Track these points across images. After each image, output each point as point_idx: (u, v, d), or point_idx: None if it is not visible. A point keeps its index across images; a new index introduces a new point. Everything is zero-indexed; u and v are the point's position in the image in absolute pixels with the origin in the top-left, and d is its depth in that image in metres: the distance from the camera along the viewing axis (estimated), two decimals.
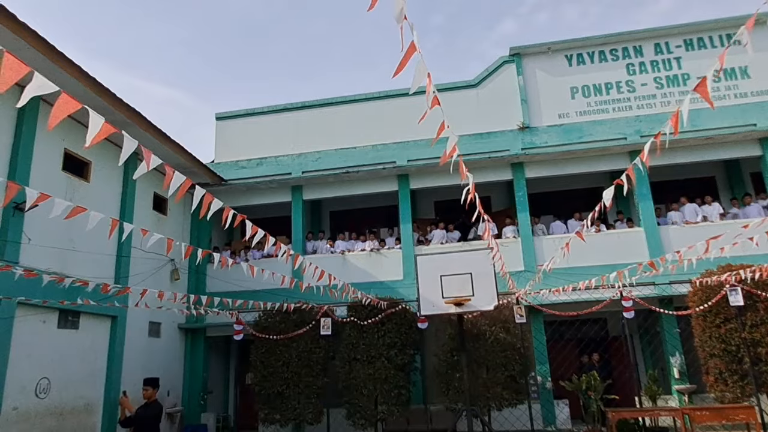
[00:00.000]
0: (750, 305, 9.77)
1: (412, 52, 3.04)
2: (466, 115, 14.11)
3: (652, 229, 12.56)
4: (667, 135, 3.91)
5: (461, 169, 4.67)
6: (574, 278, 10.37)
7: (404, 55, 3.02)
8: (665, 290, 11.38)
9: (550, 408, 11.90)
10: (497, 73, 14.61)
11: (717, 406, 9.64)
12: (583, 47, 14.36)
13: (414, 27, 2.89)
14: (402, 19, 2.75)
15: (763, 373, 9.55)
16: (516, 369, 10.67)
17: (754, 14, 2.90)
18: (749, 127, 12.54)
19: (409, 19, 2.79)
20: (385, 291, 12.45)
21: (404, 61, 3.04)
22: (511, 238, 13.40)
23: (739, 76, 13.24)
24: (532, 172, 13.66)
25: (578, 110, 13.91)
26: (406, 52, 3.02)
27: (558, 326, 12.61)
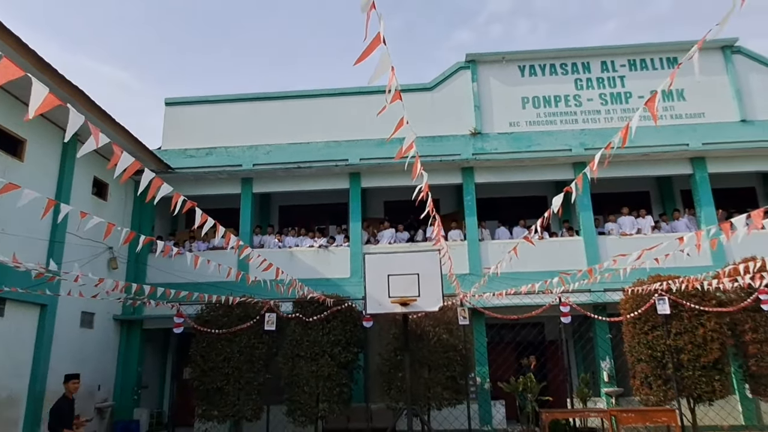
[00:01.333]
0: (675, 314, 10.38)
1: (377, 44, 2.99)
2: (420, 118, 14.23)
3: (591, 239, 13.14)
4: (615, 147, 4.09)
5: (415, 167, 4.71)
6: (516, 283, 10.70)
7: (369, 45, 2.96)
8: (600, 297, 11.93)
9: (487, 408, 12.23)
10: (453, 78, 14.87)
11: (641, 408, 10.19)
12: (536, 59, 14.84)
13: (382, 17, 2.85)
14: (368, 8, 2.71)
15: (684, 378, 10.17)
16: (457, 370, 10.88)
17: (700, 40, 3.09)
18: (682, 147, 13.34)
19: (378, 9, 2.75)
20: (331, 288, 12.41)
21: (368, 51, 2.99)
22: (458, 241, 13.66)
23: (676, 98, 14.05)
24: (481, 177, 13.99)
25: (528, 120, 14.36)
26: (372, 42, 2.97)
27: (498, 329, 12.97)
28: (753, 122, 13.60)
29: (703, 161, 13.51)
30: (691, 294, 10.38)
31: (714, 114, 13.78)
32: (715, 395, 10.22)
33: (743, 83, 14.02)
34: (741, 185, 15.09)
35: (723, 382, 10.29)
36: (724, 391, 10.35)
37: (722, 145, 13.34)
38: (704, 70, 13.98)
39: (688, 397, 10.27)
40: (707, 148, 13.32)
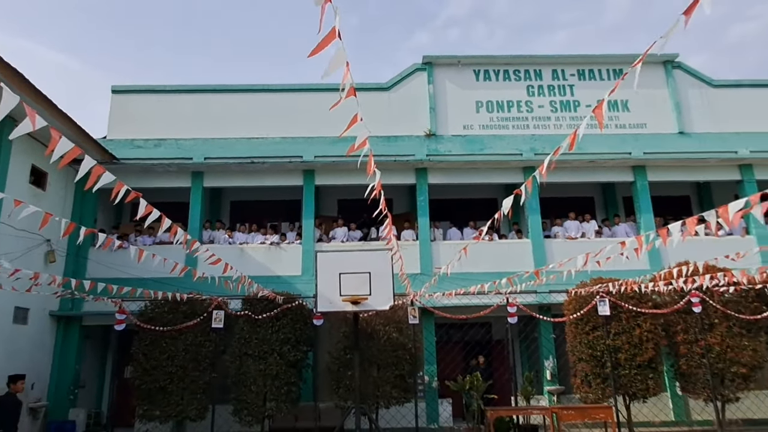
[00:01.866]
0: (615, 315, 10.84)
1: (332, 38, 2.97)
2: (376, 117, 14.30)
3: (539, 241, 13.53)
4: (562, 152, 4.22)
5: (369, 165, 4.72)
6: (466, 283, 10.89)
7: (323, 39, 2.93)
8: (545, 298, 12.31)
9: (434, 406, 12.40)
10: (409, 79, 14.99)
11: (581, 406, 10.59)
12: (490, 64, 15.16)
13: (338, 11, 2.83)
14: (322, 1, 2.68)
15: (621, 376, 10.64)
16: (406, 368, 10.98)
17: (644, 53, 3.24)
18: (625, 155, 13.94)
19: (333, 3, 2.73)
20: (282, 286, 12.27)
21: (322, 45, 2.96)
22: (410, 241, 13.78)
23: (621, 108, 14.67)
24: (435, 178, 14.16)
25: (481, 123, 14.64)
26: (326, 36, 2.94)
27: (447, 328, 13.17)
28: (690, 134, 14.37)
29: (643, 170, 14.16)
30: (629, 296, 10.87)
31: (655, 125, 14.47)
32: (648, 393, 10.74)
33: (682, 97, 14.79)
34: (677, 194, 15.92)
35: (656, 380, 10.84)
36: (657, 388, 10.90)
37: (661, 155, 14.03)
38: (647, 83, 14.68)
39: (624, 394, 10.75)
40: (648, 157, 13.97)
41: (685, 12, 2.73)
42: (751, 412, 11.86)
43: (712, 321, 10.92)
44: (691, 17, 2.73)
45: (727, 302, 10.95)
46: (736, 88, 15.03)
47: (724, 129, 14.38)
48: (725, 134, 14.28)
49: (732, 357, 10.69)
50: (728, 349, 10.73)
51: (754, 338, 11.01)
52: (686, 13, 2.72)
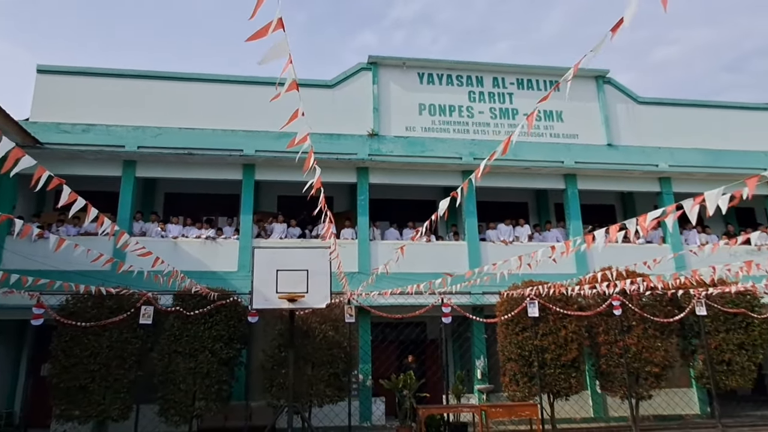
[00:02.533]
0: (543, 317, 11.32)
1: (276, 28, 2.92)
2: (319, 114, 14.21)
3: (474, 244, 13.91)
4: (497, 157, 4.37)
5: (308, 162, 4.69)
6: (404, 283, 11.04)
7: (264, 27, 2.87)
8: (478, 300, 12.67)
9: (367, 405, 12.48)
10: (354, 78, 14.99)
11: (508, 403, 10.99)
12: (434, 68, 15.42)
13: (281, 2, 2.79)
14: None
15: (547, 375, 11.13)
16: (340, 367, 10.99)
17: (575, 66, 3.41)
18: (557, 164, 14.58)
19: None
20: (217, 282, 11.96)
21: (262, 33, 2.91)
22: (349, 240, 13.80)
23: (555, 119, 15.33)
24: (376, 178, 14.25)
25: (423, 126, 14.87)
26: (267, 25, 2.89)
27: (383, 327, 13.29)
28: (617, 147, 15.22)
29: (574, 178, 14.88)
30: (557, 299, 11.39)
31: (586, 136, 15.22)
32: (571, 391, 11.30)
33: (611, 111, 15.64)
34: (604, 203, 16.82)
35: (578, 379, 11.42)
36: (579, 387, 11.48)
37: (591, 165, 14.78)
38: (580, 96, 15.43)
39: (549, 392, 11.24)
40: (578, 166, 14.68)
41: (612, 29, 2.93)
42: (662, 408, 12.74)
43: (630, 323, 11.62)
44: (617, 33, 2.93)
45: (644, 306, 11.69)
46: (658, 106, 16.06)
47: (647, 143, 15.33)
48: (648, 148, 15.23)
49: (646, 357, 11.43)
50: (643, 349, 11.46)
51: (667, 340, 11.82)
52: (613, 30, 2.93)
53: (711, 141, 15.62)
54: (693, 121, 15.93)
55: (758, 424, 12.18)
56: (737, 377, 11.90)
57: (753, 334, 12.04)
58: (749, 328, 12.08)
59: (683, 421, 12.57)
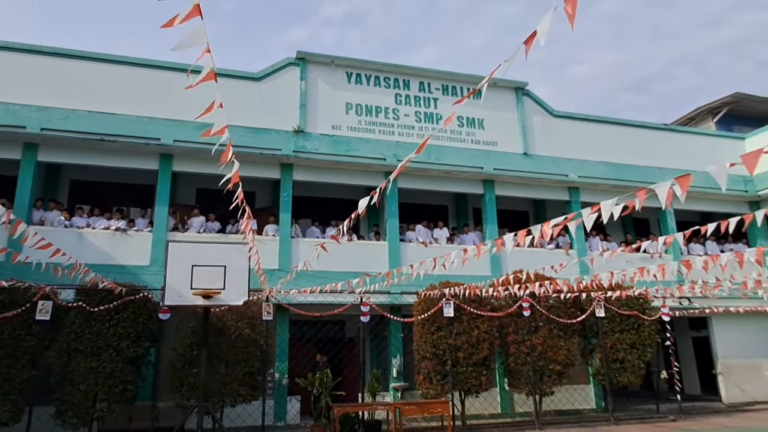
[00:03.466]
0: (458, 317, 11.73)
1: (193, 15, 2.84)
2: (244, 107, 13.87)
3: (395, 244, 14.14)
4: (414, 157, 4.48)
5: (225, 154, 4.60)
6: (324, 281, 11.01)
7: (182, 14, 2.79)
8: (397, 299, 12.90)
9: (282, 404, 12.34)
10: (281, 72, 14.75)
11: (421, 401, 11.28)
12: (363, 69, 15.50)
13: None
14: None
15: (459, 373, 11.55)
16: (256, 365, 10.80)
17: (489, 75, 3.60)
18: (477, 169, 15.14)
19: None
20: (126, 276, 11.34)
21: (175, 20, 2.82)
22: (271, 236, 13.58)
23: (477, 126, 15.90)
24: (300, 175, 14.12)
25: (349, 125, 14.90)
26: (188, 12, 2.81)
27: (301, 326, 13.20)
28: (532, 156, 16.03)
29: (492, 184, 15.52)
30: (471, 299, 11.85)
31: (504, 144, 15.91)
32: (481, 388, 11.80)
33: (528, 122, 16.45)
34: (519, 209, 17.67)
35: (488, 377, 11.95)
36: (488, 384, 12.02)
37: (508, 172, 15.46)
38: (500, 105, 16.12)
39: (460, 390, 11.67)
40: (496, 173, 15.32)
41: (525, 42, 3.15)
42: (562, 404, 13.59)
43: (537, 324, 12.31)
44: (530, 47, 3.15)
45: (550, 308, 12.44)
46: (570, 120, 17.10)
47: (559, 154, 16.27)
48: (560, 159, 16.17)
49: (550, 356, 12.17)
50: (548, 349, 12.19)
51: (569, 339, 12.65)
52: (526, 43, 3.14)
53: (615, 155, 16.84)
54: (600, 136, 17.10)
55: (645, 417, 13.31)
56: (629, 374, 12.95)
57: (643, 335, 13.15)
58: (640, 329, 13.18)
59: (580, 416, 13.49)
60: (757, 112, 23.33)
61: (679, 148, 17.60)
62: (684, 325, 18.32)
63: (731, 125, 22.82)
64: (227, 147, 4.35)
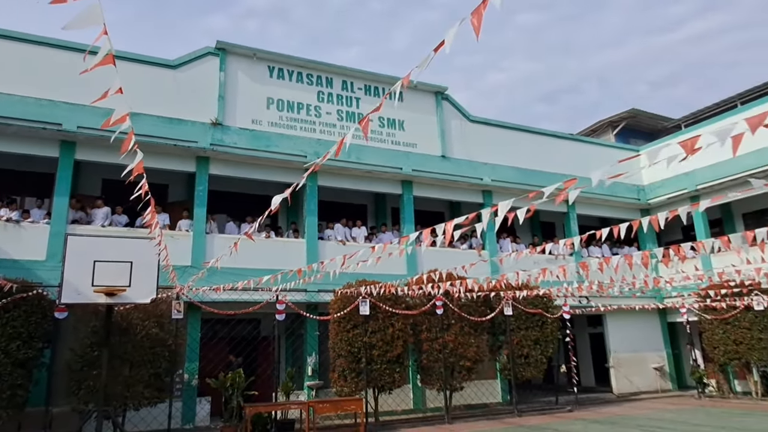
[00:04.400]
0: (373, 315, 11.90)
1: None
2: (158, 95, 13.24)
3: (313, 242, 14.07)
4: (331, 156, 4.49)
5: (126, 143, 4.38)
6: (240, 279, 10.74)
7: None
8: (313, 297, 12.86)
9: (191, 405, 11.91)
10: (200, 61, 14.20)
11: (334, 399, 11.34)
12: (286, 64, 15.27)
13: None
14: None
15: (373, 371, 11.72)
16: (163, 366, 10.36)
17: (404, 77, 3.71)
18: (396, 170, 15.41)
19: None
20: (19, 272, 10.45)
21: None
22: (184, 231, 13.06)
23: (398, 127, 16.18)
24: (217, 169, 13.68)
25: (270, 120, 14.64)
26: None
27: (214, 324, 12.81)
28: (449, 159, 16.55)
29: (410, 185, 15.86)
30: (387, 298, 12.05)
31: (423, 146, 16.30)
32: (395, 385, 12.05)
33: (446, 125, 16.97)
34: (435, 210, 18.19)
35: (402, 374, 12.23)
36: (402, 381, 12.30)
37: (426, 174, 15.87)
38: (420, 108, 16.51)
39: (374, 387, 11.85)
40: (415, 174, 15.67)
41: (434, 49, 3.33)
42: (471, 398, 14.17)
43: (449, 322, 12.75)
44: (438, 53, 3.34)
45: (462, 306, 12.93)
46: (486, 125, 17.83)
47: (475, 158, 16.93)
48: (475, 162, 16.82)
49: (461, 353, 12.65)
50: (459, 346, 12.67)
51: (479, 337, 13.23)
52: (435, 50, 3.32)
53: (526, 161, 17.77)
54: (513, 142, 17.98)
55: (545, 409, 14.18)
56: (532, 369, 13.75)
57: (546, 332, 14.02)
58: (544, 326, 14.04)
59: (488, 409, 14.13)
60: (650, 127, 25.55)
61: (583, 156, 18.89)
62: (583, 323, 19.70)
63: (628, 138, 24.83)
64: (129, 135, 4.14)
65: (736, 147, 3.04)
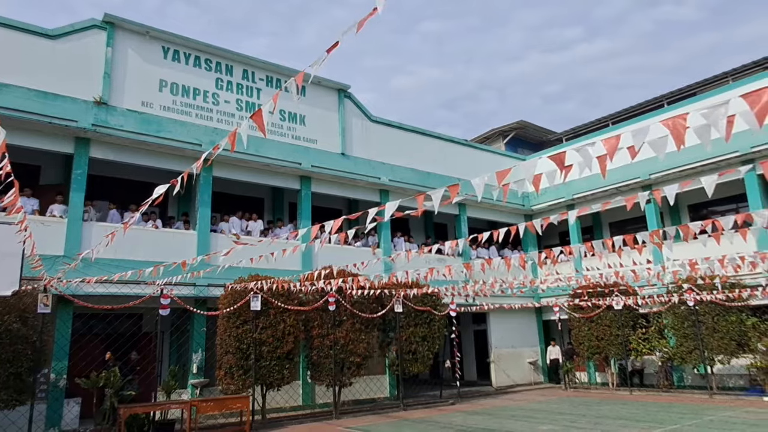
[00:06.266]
0: (265, 310, 11.69)
1: None
2: (33, 67, 12.01)
3: (204, 234, 13.51)
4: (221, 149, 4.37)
5: None
6: (123, 270, 10.04)
7: None
8: (202, 291, 12.36)
9: (57, 408, 10.95)
10: (84, 34, 13.07)
11: (219, 397, 11.01)
12: (182, 46, 14.52)
13: None
14: None
15: (262, 368, 11.52)
16: (25, 365, 9.42)
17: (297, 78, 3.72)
18: (296, 164, 15.25)
19: None
20: None
21: None
22: (58, 217, 11.97)
23: (299, 122, 16.02)
24: (99, 152, 12.68)
25: (163, 104, 13.84)
26: None
27: (89, 319, 11.89)
28: (349, 157, 16.68)
29: (309, 180, 15.77)
30: (279, 293, 11.89)
31: (324, 143, 16.28)
32: (284, 381, 11.95)
33: (348, 123, 17.08)
34: (333, 206, 18.26)
35: (291, 370, 12.15)
36: (291, 377, 12.23)
37: (325, 170, 15.86)
38: (322, 104, 16.48)
39: (262, 384, 11.65)
40: (314, 170, 15.60)
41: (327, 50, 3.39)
42: (359, 394, 14.41)
43: (342, 318, 12.87)
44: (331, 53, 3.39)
45: (354, 303, 13.10)
46: (386, 126, 18.19)
47: (374, 157, 17.21)
48: (374, 162, 17.09)
49: (351, 349, 12.83)
50: (350, 342, 12.83)
51: (369, 333, 13.48)
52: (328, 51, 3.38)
53: (423, 163, 18.38)
54: (411, 145, 18.52)
55: (430, 402, 14.80)
56: (419, 364, 14.27)
57: (434, 328, 14.62)
58: (432, 323, 14.62)
59: (375, 403, 14.45)
60: (537, 138, 27.55)
61: (475, 162, 19.92)
62: (468, 320, 20.79)
63: (517, 147, 26.57)
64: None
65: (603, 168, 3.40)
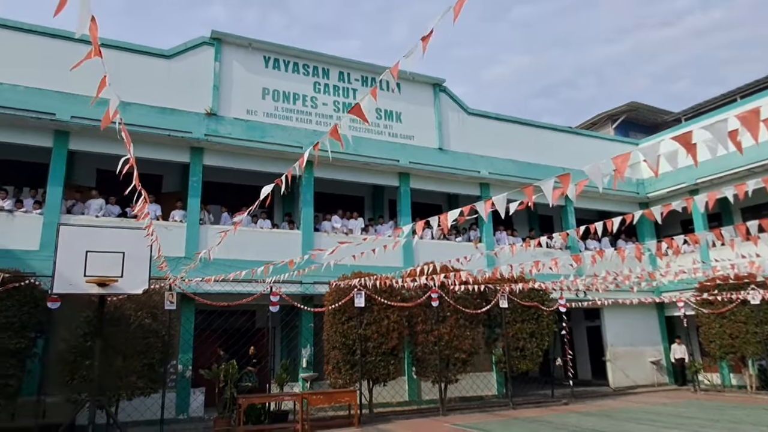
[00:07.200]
0: (368, 307, 11.85)
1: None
2: (152, 85, 13.13)
3: (309, 234, 14.00)
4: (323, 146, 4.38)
5: (126, 135, 4.35)
6: (235, 270, 10.66)
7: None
8: (309, 289, 12.81)
9: (185, 397, 11.89)
10: (195, 51, 14.07)
11: (328, 391, 11.32)
12: (281, 54, 15.14)
13: None
14: None
15: (368, 363, 11.69)
16: (156, 357, 10.33)
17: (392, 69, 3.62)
18: (394, 162, 15.32)
19: None
20: (12, 262, 10.41)
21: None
22: (178, 222, 12.99)
23: (395, 119, 16.07)
24: (211, 160, 13.59)
25: (266, 111, 14.53)
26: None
27: (208, 315, 12.77)
28: (447, 151, 16.46)
29: (408, 177, 15.77)
30: (382, 290, 12.00)
31: (420, 138, 16.20)
32: (389, 377, 12.03)
33: (444, 118, 16.85)
34: (433, 202, 18.11)
35: (396, 366, 12.20)
36: (397, 373, 12.28)
37: (423, 166, 15.77)
38: (417, 100, 16.39)
39: (369, 379, 11.83)
40: (412, 166, 15.58)
41: (422, 39, 3.21)
42: (466, 390, 14.16)
43: (445, 314, 12.71)
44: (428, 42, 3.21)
45: (458, 298, 12.88)
46: (484, 118, 17.71)
47: (472, 151, 16.82)
48: (472, 155, 16.72)
49: (456, 345, 12.62)
50: (454, 338, 12.64)
51: (474, 329, 13.19)
52: (423, 40, 3.21)
53: (523, 154, 17.67)
54: (510, 135, 17.86)
55: (541, 401, 14.19)
56: (528, 361, 13.73)
57: (542, 325, 13.98)
58: (539, 319, 14.00)
59: (483, 401, 14.13)
60: (650, 121, 25.41)
61: (581, 150, 18.77)
62: (580, 316, 19.69)
63: (628, 131, 24.69)
64: (121, 127, 4.09)
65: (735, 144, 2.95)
